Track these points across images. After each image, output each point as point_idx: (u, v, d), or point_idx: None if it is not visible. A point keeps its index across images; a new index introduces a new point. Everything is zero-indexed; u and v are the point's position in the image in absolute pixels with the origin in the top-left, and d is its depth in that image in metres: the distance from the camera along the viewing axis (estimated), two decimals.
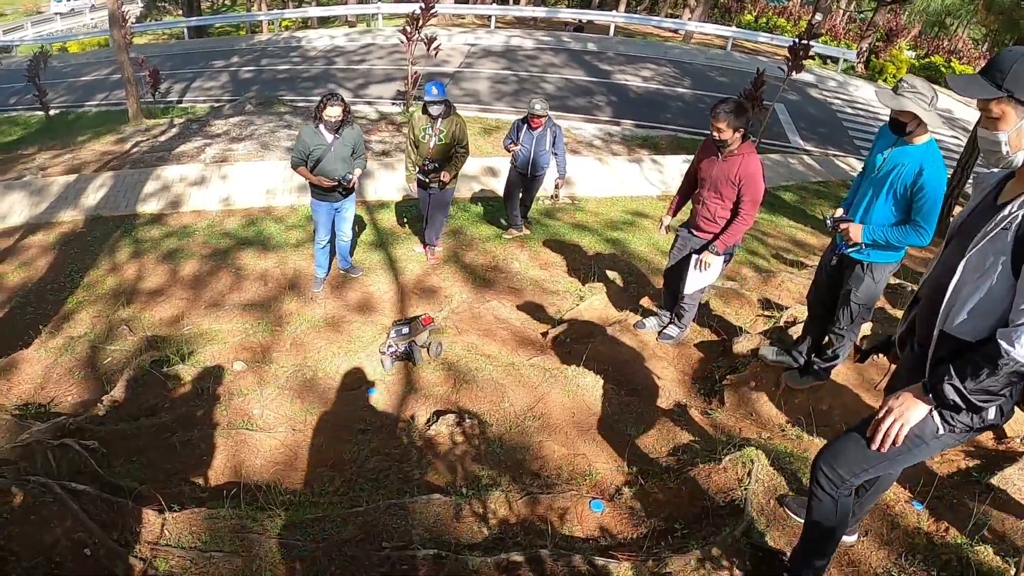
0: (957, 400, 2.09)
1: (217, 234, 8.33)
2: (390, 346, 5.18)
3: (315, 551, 3.06)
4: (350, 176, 6.07)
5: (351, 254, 7.03)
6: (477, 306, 6.41)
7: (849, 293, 4.17)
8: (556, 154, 7.70)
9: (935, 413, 2.20)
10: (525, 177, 7.81)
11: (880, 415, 2.26)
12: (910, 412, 2.19)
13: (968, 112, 18.93)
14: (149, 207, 9.24)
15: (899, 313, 5.90)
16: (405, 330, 5.18)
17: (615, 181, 11.32)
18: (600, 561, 2.98)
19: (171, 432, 4.38)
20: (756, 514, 3.19)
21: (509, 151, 7.68)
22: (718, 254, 4.86)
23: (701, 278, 4.99)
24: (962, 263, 2.12)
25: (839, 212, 4.10)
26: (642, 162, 12.28)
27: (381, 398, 4.92)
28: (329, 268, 6.87)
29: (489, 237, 8.21)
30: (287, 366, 5.33)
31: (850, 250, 4.05)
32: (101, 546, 3.00)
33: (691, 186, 5.11)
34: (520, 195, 8.10)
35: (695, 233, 5.05)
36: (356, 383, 5.13)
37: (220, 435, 4.35)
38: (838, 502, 2.55)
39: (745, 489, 3.36)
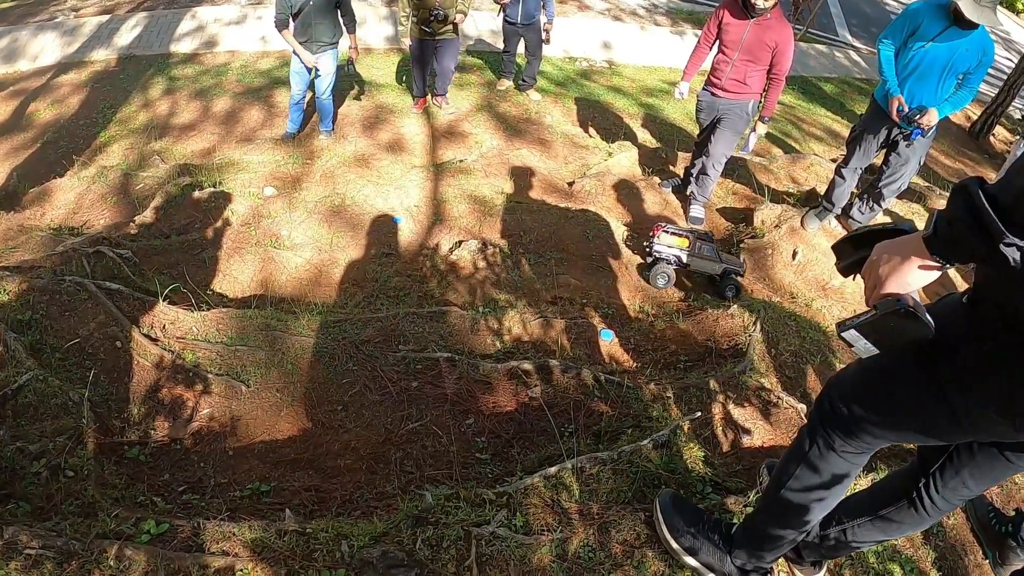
0: None
1: (251, 73, 8.22)
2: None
3: (335, 348, 3.16)
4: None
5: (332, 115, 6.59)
6: (507, 152, 6.34)
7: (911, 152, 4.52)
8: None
9: None
10: (517, 27, 7.30)
11: None
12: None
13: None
14: (183, 47, 9.09)
15: None
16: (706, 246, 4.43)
17: (655, 51, 10.90)
18: (605, 377, 3.04)
19: (201, 248, 4.47)
20: (757, 359, 3.21)
21: (500, 3, 7.18)
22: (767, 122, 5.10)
23: (733, 141, 5.06)
24: None
25: (904, 107, 4.26)
26: (684, 35, 11.73)
27: (407, 227, 4.96)
28: (301, 125, 6.65)
29: None
30: (317, 194, 5.35)
31: (927, 133, 4.33)
32: (132, 339, 3.12)
33: (710, 49, 5.03)
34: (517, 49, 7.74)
35: (720, 95, 4.92)
36: (383, 213, 5.15)
37: (248, 253, 4.44)
38: (816, 445, 1.69)
39: (749, 335, 3.38)
